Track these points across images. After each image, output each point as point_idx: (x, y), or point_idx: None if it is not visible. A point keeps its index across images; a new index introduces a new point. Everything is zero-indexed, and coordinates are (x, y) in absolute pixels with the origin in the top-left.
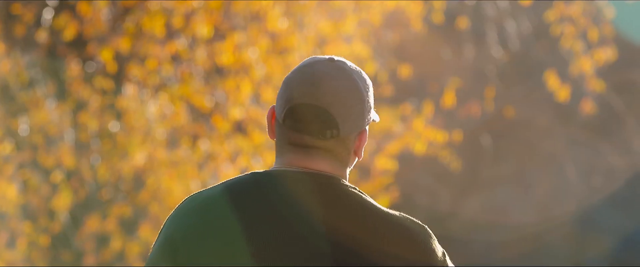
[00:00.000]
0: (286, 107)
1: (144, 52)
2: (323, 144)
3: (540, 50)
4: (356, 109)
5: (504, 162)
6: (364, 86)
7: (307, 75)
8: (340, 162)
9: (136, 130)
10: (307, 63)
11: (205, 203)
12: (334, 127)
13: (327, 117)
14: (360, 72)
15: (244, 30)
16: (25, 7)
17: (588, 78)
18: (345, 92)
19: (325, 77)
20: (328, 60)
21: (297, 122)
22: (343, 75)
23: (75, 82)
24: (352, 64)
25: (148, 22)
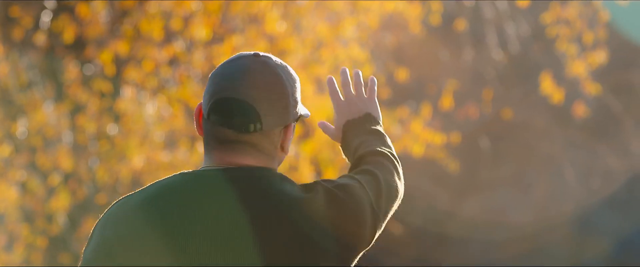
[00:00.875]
0: (210, 102)
1: (142, 55)
2: (247, 139)
3: (538, 53)
4: (280, 103)
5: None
6: (289, 81)
7: (230, 70)
8: (266, 156)
9: (134, 133)
10: (231, 58)
11: (138, 207)
12: (257, 121)
13: (250, 111)
14: (286, 67)
15: (242, 32)
16: (23, 9)
17: (583, 81)
18: (268, 86)
19: (248, 72)
20: (253, 55)
21: (221, 117)
22: (267, 70)
23: (74, 84)
24: (277, 59)
25: (146, 24)
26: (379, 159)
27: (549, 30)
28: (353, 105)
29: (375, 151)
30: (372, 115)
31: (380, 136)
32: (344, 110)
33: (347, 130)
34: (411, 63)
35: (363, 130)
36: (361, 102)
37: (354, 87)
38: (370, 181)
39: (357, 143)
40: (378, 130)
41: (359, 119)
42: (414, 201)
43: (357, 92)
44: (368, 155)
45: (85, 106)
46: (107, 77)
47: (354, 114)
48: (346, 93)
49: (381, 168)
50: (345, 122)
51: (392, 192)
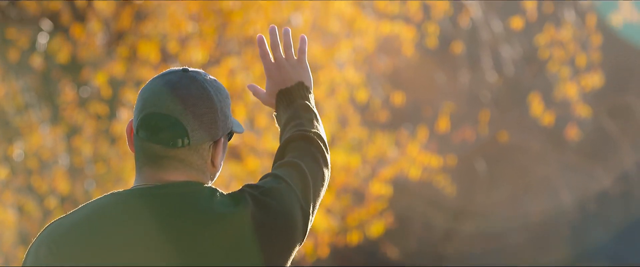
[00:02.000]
0: (139, 117)
1: (138, 77)
2: (175, 154)
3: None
4: (207, 117)
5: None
6: (217, 96)
7: (158, 86)
8: (196, 171)
9: (130, 155)
10: (160, 74)
11: (68, 231)
12: (184, 136)
13: (177, 126)
14: (215, 82)
15: (238, 55)
16: (19, 31)
17: (574, 103)
18: (195, 100)
19: (175, 87)
20: (181, 70)
21: (149, 132)
22: (194, 85)
23: (70, 106)
24: (207, 75)
25: (143, 46)
26: (303, 146)
27: (542, 52)
28: (284, 71)
29: (301, 134)
30: (304, 84)
31: (308, 112)
32: (274, 76)
33: (279, 101)
34: (407, 86)
35: (294, 104)
36: (291, 68)
37: (283, 48)
38: (295, 177)
39: (286, 118)
40: (307, 106)
41: (290, 88)
42: (410, 223)
43: (286, 55)
44: (293, 140)
45: (81, 128)
46: (103, 99)
47: (286, 82)
48: (276, 56)
49: (306, 157)
50: (278, 91)
51: (319, 182)
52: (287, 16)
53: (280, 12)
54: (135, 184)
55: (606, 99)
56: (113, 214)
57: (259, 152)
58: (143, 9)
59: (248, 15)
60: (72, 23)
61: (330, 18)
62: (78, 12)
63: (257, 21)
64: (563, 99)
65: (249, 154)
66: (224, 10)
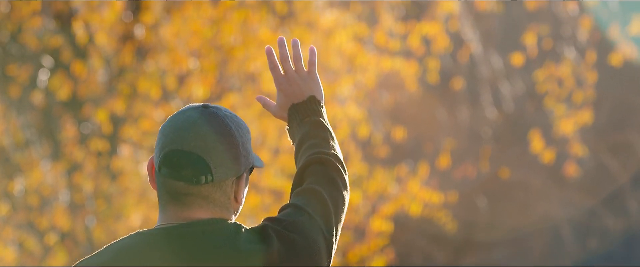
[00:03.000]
0: (160, 154)
1: (138, 113)
2: (199, 191)
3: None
4: (229, 153)
5: (499, 223)
6: (238, 131)
7: (179, 122)
8: (220, 208)
9: (131, 191)
10: (180, 111)
11: None
12: (207, 172)
13: (199, 163)
14: (235, 118)
15: (239, 91)
16: (20, 68)
17: (570, 141)
18: (217, 137)
19: (196, 123)
20: (201, 107)
21: (171, 169)
22: (215, 121)
23: (71, 143)
24: (227, 110)
25: (143, 83)
26: (321, 171)
27: (541, 88)
28: (295, 84)
29: (318, 158)
30: (315, 98)
31: (322, 130)
32: (285, 89)
33: (292, 116)
34: (408, 122)
35: (307, 121)
36: (302, 81)
37: (293, 60)
38: (316, 205)
39: (301, 137)
40: (321, 123)
41: (303, 103)
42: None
43: (296, 67)
44: (310, 164)
45: (82, 165)
46: (104, 136)
47: (297, 96)
48: (286, 68)
49: (324, 182)
50: (290, 105)
51: (340, 207)
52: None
53: None
54: (159, 222)
55: (607, 135)
56: (140, 255)
57: (260, 189)
58: (144, 45)
59: (249, 51)
60: (73, 60)
61: (331, 54)
62: (79, 48)
63: (258, 57)
64: (563, 136)
65: (249, 191)
66: (224, 47)
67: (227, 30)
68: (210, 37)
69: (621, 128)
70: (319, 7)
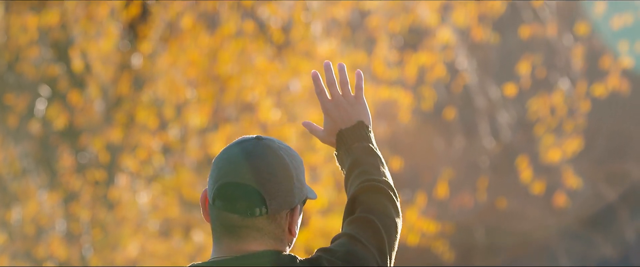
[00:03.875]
0: (214, 187)
1: (136, 143)
2: (253, 223)
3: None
4: (284, 186)
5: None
6: (292, 164)
7: (233, 154)
8: (274, 240)
9: (128, 221)
10: (234, 143)
11: None
12: (262, 205)
13: (254, 195)
14: (289, 150)
15: (236, 121)
16: (18, 97)
17: (563, 171)
18: (271, 169)
19: (251, 155)
20: (255, 139)
21: (225, 202)
22: (269, 153)
23: (67, 172)
24: (281, 142)
25: (141, 113)
26: (373, 199)
27: (532, 116)
28: (342, 109)
29: (369, 185)
30: (363, 123)
31: (373, 156)
32: (333, 114)
33: (340, 142)
34: (405, 152)
35: (356, 147)
36: (350, 106)
37: (339, 85)
38: (369, 234)
39: (350, 164)
40: (370, 149)
41: (351, 129)
42: None
43: (343, 92)
44: (362, 192)
45: (78, 194)
46: (101, 165)
47: (345, 122)
48: (333, 93)
49: (377, 211)
50: (338, 131)
51: (393, 235)
52: (285, 82)
53: (278, 77)
54: (214, 255)
55: (604, 164)
56: None
57: None
58: (141, 74)
59: (246, 80)
60: (70, 89)
61: None
62: (76, 78)
63: (255, 87)
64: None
65: None
66: (221, 76)
67: (224, 59)
68: (207, 67)
69: (618, 157)
70: (316, 36)
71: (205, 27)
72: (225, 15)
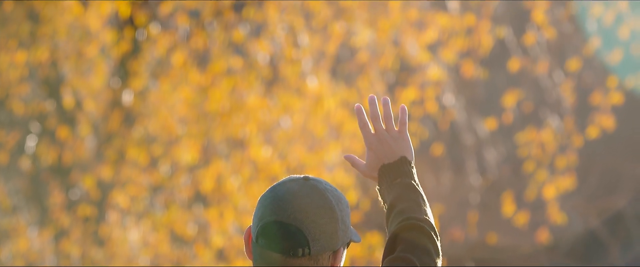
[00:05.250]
0: (259, 225)
1: (126, 179)
2: (296, 263)
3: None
4: (329, 227)
5: None
6: (338, 206)
7: (279, 194)
8: None
9: (119, 258)
10: (281, 182)
11: None
12: (305, 246)
13: (298, 235)
14: (335, 191)
15: (227, 158)
16: (8, 134)
17: (549, 208)
18: (316, 210)
19: (297, 196)
20: (302, 179)
21: (269, 241)
22: (315, 194)
23: (58, 209)
24: (327, 184)
25: (131, 150)
26: (414, 237)
27: (522, 152)
28: (385, 144)
29: (410, 224)
30: (407, 159)
31: (415, 193)
32: (376, 148)
33: (382, 177)
34: None
35: (398, 183)
36: (393, 141)
37: (383, 119)
38: None
39: (392, 200)
40: (412, 186)
41: (393, 164)
42: None
43: (387, 126)
44: (403, 231)
45: (69, 231)
46: (91, 202)
47: (388, 157)
48: (376, 127)
49: (417, 250)
50: (381, 166)
51: None
52: (276, 118)
53: (269, 114)
54: None
55: (596, 201)
56: None
57: None
58: (132, 111)
59: (237, 117)
60: (60, 126)
61: (319, 121)
62: (67, 114)
63: (246, 124)
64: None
65: (237, 258)
66: (212, 113)
67: (214, 96)
68: (198, 104)
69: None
70: (306, 72)
71: (196, 64)
72: (215, 51)
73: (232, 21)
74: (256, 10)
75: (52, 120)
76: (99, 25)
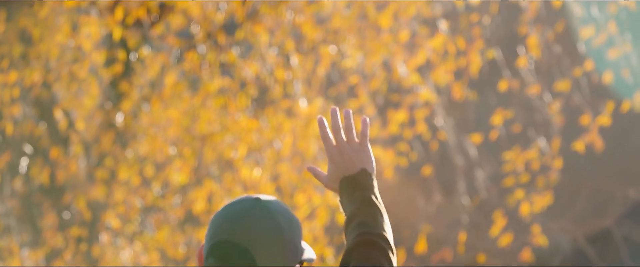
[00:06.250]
0: (209, 244)
1: (118, 200)
2: None
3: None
4: (276, 249)
5: None
6: (288, 227)
7: (230, 213)
8: None
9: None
10: (233, 201)
11: None
12: (252, 266)
13: (245, 256)
14: (286, 212)
15: (218, 179)
16: (0, 155)
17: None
18: (265, 231)
19: (246, 215)
20: (254, 199)
21: (217, 260)
22: (265, 215)
23: (50, 229)
24: (279, 205)
25: (123, 171)
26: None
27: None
28: (346, 156)
29: (364, 239)
30: (367, 171)
31: (371, 207)
32: (337, 160)
33: (343, 189)
34: (385, 207)
35: (358, 196)
36: (354, 153)
37: (344, 131)
38: None
39: (350, 213)
40: (370, 200)
41: (354, 176)
42: None
43: (348, 138)
44: (358, 246)
45: (61, 251)
46: (84, 223)
47: (349, 169)
48: (337, 139)
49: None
50: (341, 178)
51: None
52: (267, 139)
53: (260, 136)
54: None
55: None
56: None
57: None
58: (124, 132)
59: (228, 138)
60: (53, 147)
61: (310, 142)
62: (59, 135)
63: (237, 145)
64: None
65: None
66: (203, 133)
67: (205, 117)
68: (189, 125)
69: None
70: (297, 94)
71: (187, 85)
72: (206, 73)
73: (223, 43)
74: (247, 32)
75: (44, 141)
76: (90, 47)
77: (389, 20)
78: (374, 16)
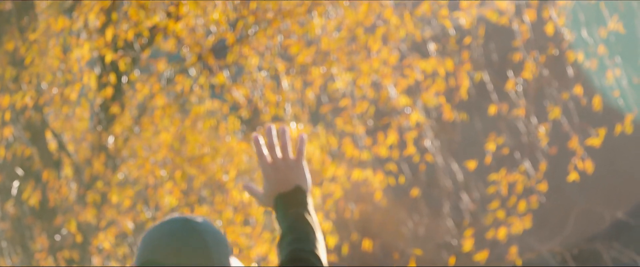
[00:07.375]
0: (136, 265)
1: (109, 222)
2: None
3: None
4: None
5: None
6: (216, 249)
7: (158, 233)
8: None
9: None
10: (161, 222)
11: None
12: None
13: None
14: (215, 234)
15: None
16: None
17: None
18: (191, 252)
19: (174, 237)
20: (183, 219)
21: None
22: (193, 236)
23: (42, 252)
24: (209, 225)
25: (114, 194)
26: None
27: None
28: (281, 173)
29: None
30: (301, 188)
31: (304, 225)
32: (272, 178)
33: (277, 206)
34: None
35: (291, 212)
36: (289, 170)
37: (280, 148)
38: None
39: (284, 230)
40: (303, 217)
41: (288, 193)
42: None
43: (283, 155)
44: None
45: None
46: (75, 245)
47: (283, 185)
48: (273, 156)
49: None
50: (276, 195)
51: None
52: (257, 161)
53: (251, 158)
54: None
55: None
56: None
57: None
58: (116, 155)
59: (218, 160)
60: (44, 169)
61: None
62: (51, 158)
63: (228, 167)
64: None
65: None
66: (193, 155)
67: (195, 140)
68: (179, 148)
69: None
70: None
71: (178, 108)
72: (196, 95)
73: (213, 66)
74: (237, 55)
75: (36, 164)
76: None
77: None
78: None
